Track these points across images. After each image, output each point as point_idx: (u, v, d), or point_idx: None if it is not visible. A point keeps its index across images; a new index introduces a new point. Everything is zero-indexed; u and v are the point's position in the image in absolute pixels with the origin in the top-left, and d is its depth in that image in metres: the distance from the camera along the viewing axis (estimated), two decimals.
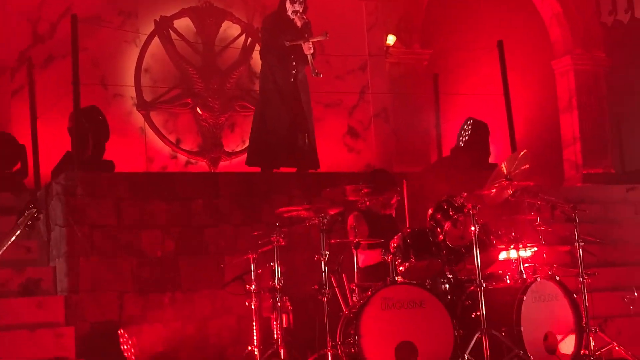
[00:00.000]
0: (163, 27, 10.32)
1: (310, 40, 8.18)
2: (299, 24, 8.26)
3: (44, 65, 9.67)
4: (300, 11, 8.29)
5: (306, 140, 8.43)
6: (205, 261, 7.45)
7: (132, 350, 6.85)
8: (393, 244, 6.31)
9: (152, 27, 10.26)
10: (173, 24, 10.38)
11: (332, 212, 6.33)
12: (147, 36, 10.23)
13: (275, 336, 6.43)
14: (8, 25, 9.59)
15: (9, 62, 9.58)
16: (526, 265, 6.33)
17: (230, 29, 10.68)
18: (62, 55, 9.44)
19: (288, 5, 8.36)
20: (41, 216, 5.14)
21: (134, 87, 10.13)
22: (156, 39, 10.30)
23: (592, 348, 6.32)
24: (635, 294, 6.90)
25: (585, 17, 13.05)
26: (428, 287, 6.14)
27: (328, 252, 6.17)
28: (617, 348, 6.53)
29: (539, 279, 6.18)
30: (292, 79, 8.44)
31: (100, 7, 9.95)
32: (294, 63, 8.40)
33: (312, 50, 8.19)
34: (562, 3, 12.97)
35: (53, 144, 8.93)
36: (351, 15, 11.31)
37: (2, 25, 9.57)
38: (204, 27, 10.55)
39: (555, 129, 12.98)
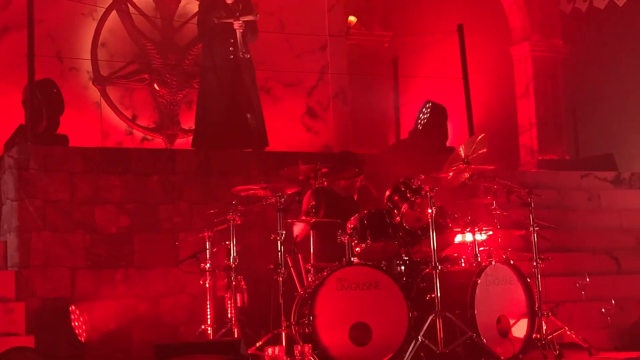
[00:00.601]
0: (121, 1, 10.16)
1: (241, 19, 8.22)
2: (229, 1, 8.30)
3: None
4: None
5: (250, 119, 8.44)
6: (160, 238, 7.38)
7: (84, 327, 6.77)
8: (350, 225, 6.31)
9: (110, 0, 10.09)
10: None
11: (290, 192, 6.31)
12: (104, 9, 10.06)
13: (229, 315, 6.41)
14: None
15: None
16: (481, 248, 6.38)
17: (190, 4, 10.54)
18: (17, 26, 9.22)
19: None
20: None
21: (90, 61, 9.96)
22: (114, 13, 10.13)
23: (544, 332, 6.40)
24: (587, 279, 6.98)
25: (544, 5, 13.15)
26: (384, 268, 6.17)
27: (284, 232, 6.16)
28: (568, 332, 6.61)
29: (493, 263, 6.24)
30: (232, 56, 8.45)
31: None
32: (231, 40, 8.42)
33: (241, 29, 8.30)
34: None
35: (6, 116, 8.77)
36: None
37: None
38: (163, 2, 10.41)
39: (512, 115, 13.09)
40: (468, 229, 6.36)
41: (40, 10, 8.29)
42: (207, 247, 6.51)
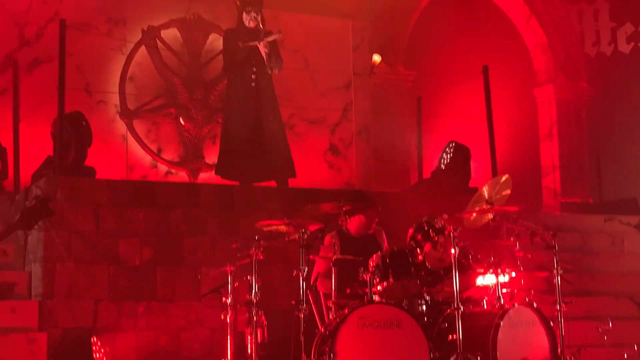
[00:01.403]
0: (150, 37, 10.31)
1: (266, 40, 8.40)
2: (252, 24, 8.46)
3: (29, 69, 9.61)
4: (259, 20, 8.55)
5: (274, 148, 8.53)
6: (182, 272, 7.42)
7: (104, 358, 6.79)
8: (372, 263, 6.31)
9: (139, 35, 10.24)
10: (160, 33, 10.37)
11: (312, 228, 6.33)
12: (133, 44, 10.21)
13: (249, 351, 6.39)
14: None
15: None
16: (504, 290, 6.34)
17: (217, 41, 10.66)
18: (48, 59, 9.40)
19: (244, 16, 8.64)
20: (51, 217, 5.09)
21: (118, 95, 10.10)
22: (142, 48, 10.28)
23: None
24: (610, 324, 6.92)
25: (569, 47, 13.19)
26: (405, 307, 6.14)
27: (306, 268, 6.17)
28: None
29: (516, 305, 6.20)
30: (253, 84, 8.57)
31: (89, 13, 9.92)
32: (254, 68, 8.55)
33: (267, 50, 8.48)
34: (546, 32, 13.10)
35: (35, 147, 8.88)
36: (337, 34, 11.35)
37: None
38: (191, 38, 10.56)
39: (535, 156, 13.08)
40: (491, 270, 6.33)
41: (70, 43, 8.44)
42: (229, 281, 6.52)
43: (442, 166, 9.51)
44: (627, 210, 10.61)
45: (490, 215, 6.58)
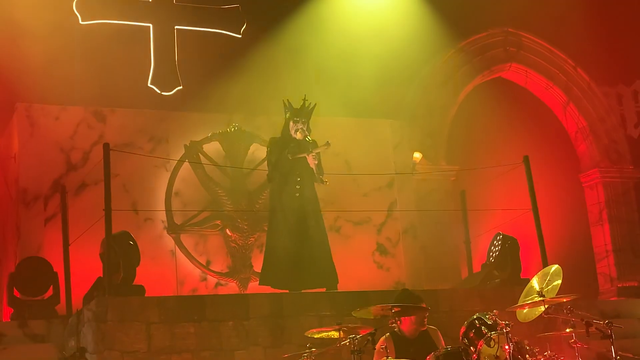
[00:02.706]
0: (193, 151, 10.50)
1: (314, 151, 8.43)
2: (299, 137, 8.53)
3: (76, 193, 9.80)
4: (305, 131, 8.56)
5: (318, 258, 8.51)
6: None
7: None
8: None
9: (182, 151, 10.43)
10: (202, 148, 10.56)
11: (363, 332, 6.26)
12: (177, 161, 10.39)
13: None
14: (43, 155, 9.81)
15: (43, 190, 9.74)
16: None
17: (259, 151, 10.83)
18: (94, 182, 9.59)
19: (291, 125, 8.75)
20: None
21: (164, 211, 10.23)
22: (186, 164, 10.46)
23: None
24: None
25: (610, 131, 13.14)
26: None
27: None
28: None
29: None
30: (297, 194, 8.60)
31: (131, 134, 10.17)
32: (298, 179, 8.60)
33: (316, 161, 8.54)
34: (586, 117, 13.10)
35: (85, 269, 8.97)
36: (377, 134, 11.46)
37: (38, 156, 9.78)
38: (233, 150, 10.72)
39: (587, 243, 12.88)
40: None
41: (115, 164, 8.62)
42: None
43: (491, 259, 9.42)
44: None
45: (543, 307, 6.45)
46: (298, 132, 8.65)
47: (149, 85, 10.47)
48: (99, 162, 8.36)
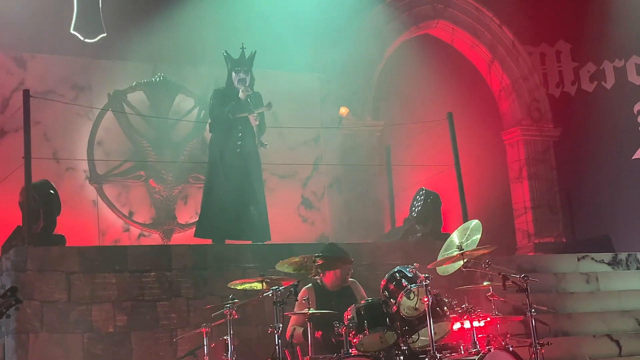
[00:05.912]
0: (117, 101, 10.34)
1: (255, 112, 8.35)
2: (242, 96, 8.44)
3: None
4: (247, 80, 8.47)
5: (253, 213, 8.49)
6: (158, 335, 7.34)
7: None
8: (347, 316, 6.28)
9: (105, 100, 10.27)
10: (127, 97, 10.40)
11: (286, 284, 6.30)
12: (100, 110, 10.23)
13: None
14: None
15: None
16: (480, 335, 6.33)
17: (184, 102, 10.74)
18: (14, 129, 9.40)
19: (234, 76, 8.61)
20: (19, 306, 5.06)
21: (86, 161, 10.08)
22: (109, 113, 10.30)
23: None
24: None
25: (533, 89, 13.37)
26: (383, 359, 6.11)
27: (282, 325, 6.13)
28: None
29: (492, 350, 6.18)
30: (238, 150, 8.54)
31: (53, 81, 9.96)
32: (240, 134, 8.52)
33: (257, 122, 8.38)
34: (510, 76, 13.30)
35: (3, 219, 8.81)
36: (304, 88, 11.45)
37: None
38: (158, 101, 10.60)
39: (506, 199, 13.16)
40: (466, 317, 6.33)
41: (36, 112, 8.43)
42: (205, 342, 6.46)
43: (414, 214, 9.54)
44: (600, 248, 10.69)
45: (462, 261, 6.59)
46: (240, 91, 8.50)
47: (71, 31, 10.22)
48: (19, 109, 8.15)
